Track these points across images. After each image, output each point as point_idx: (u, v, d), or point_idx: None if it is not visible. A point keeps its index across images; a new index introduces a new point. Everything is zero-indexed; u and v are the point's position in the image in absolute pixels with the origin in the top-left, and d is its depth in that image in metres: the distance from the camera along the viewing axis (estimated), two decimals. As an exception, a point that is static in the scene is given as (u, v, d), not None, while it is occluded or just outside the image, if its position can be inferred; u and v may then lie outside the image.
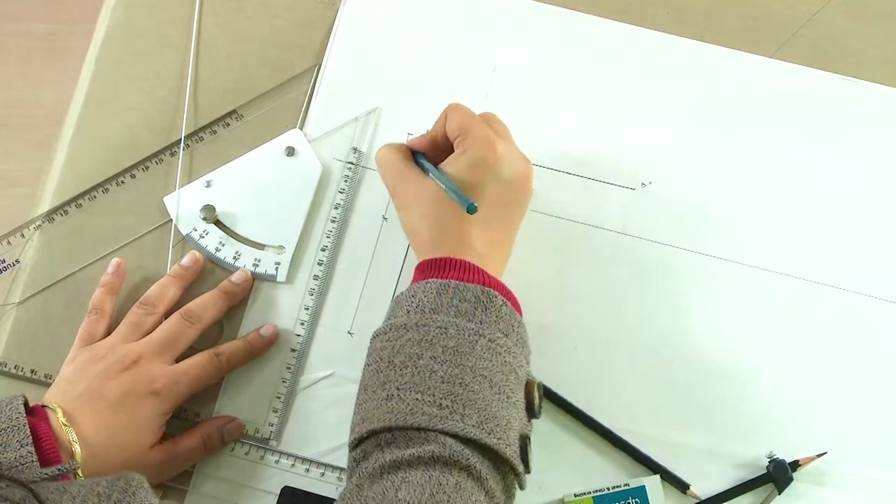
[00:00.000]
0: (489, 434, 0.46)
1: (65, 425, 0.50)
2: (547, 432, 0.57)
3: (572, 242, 0.60)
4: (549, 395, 0.57)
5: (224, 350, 0.57)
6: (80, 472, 0.50)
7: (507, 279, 0.59)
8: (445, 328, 0.48)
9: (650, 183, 0.61)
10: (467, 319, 0.49)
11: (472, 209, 0.49)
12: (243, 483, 0.58)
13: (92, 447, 0.51)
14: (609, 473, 0.57)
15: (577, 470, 0.57)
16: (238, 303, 0.60)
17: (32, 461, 0.47)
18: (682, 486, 0.56)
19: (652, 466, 0.56)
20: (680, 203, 0.61)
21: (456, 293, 0.50)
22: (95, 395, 0.53)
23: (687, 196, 0.61)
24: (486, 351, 0.48)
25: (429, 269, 0.52)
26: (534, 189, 0.57)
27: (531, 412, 0.50)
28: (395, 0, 0.64)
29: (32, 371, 0.60)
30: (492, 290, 0.51)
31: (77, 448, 0.50)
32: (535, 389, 0.51)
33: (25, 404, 0.50)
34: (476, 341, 0.48)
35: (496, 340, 0.49)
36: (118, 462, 0.52)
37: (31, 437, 0.48)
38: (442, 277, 0.51)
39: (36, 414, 0.51)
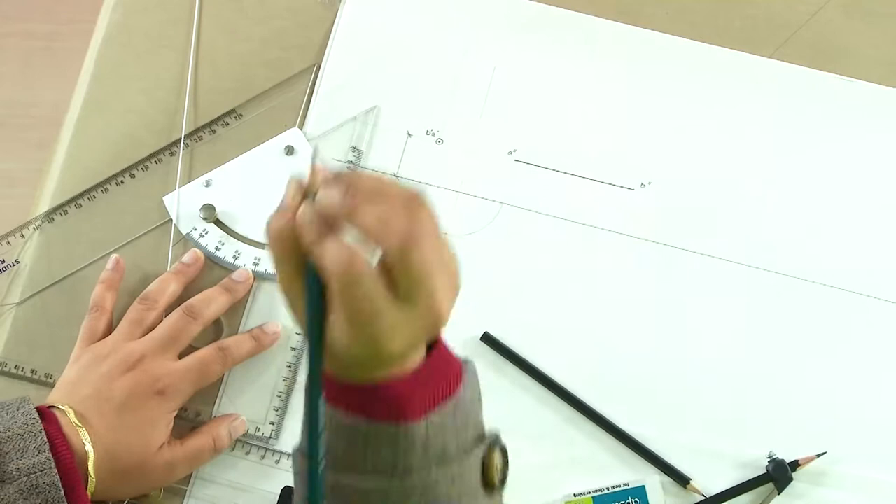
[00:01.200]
0: None
1: (77, 425, 0.50)
2: (547, 430, 0.57)
3: (572, 243, 0.60)
4: (550, 385, 0.58)
5: (229, 344, 0.57)
6: (91, 471, 0.50)
7: (507, 283, 0.59)
8: (367, 494, 0.39)
9: (650, 183, 0.61)
10: (388, 476, 0.39)
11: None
12: (244, 483, 0.58)
13: (101, 449, 0.50)
14: (609, 473, 0.57)
15: (577, 470, 0.57)
16: (239, 300, 0.60)
17: (50, 467, 0.47)
18: (683, 481, 0.56)
19: (653, 460, 0.56)
20: (680, 203, 0.61)
21: (368, 442, 0.39)
22: (101, 396, 0.52)
23: (687, 196, 0.61)
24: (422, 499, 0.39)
25: (342, 395, 0.39)
26: None
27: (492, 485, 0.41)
28: (395, 0, 0.64)
29: (32, 371, 0.60)
30: (408, 427, 0.38)
31: (89, 448, 0.50)
32: (495, 460, 0.41)
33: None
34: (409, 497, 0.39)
35: (429, 486, 0.39)
36: (127, 463, 0.51)
37: (48, 443, 0.48)
38: (353, 410, 0.39)
39: (45, 417, 0.50)
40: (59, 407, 0.51)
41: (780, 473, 0.56)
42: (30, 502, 0.47)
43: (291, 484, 0.57)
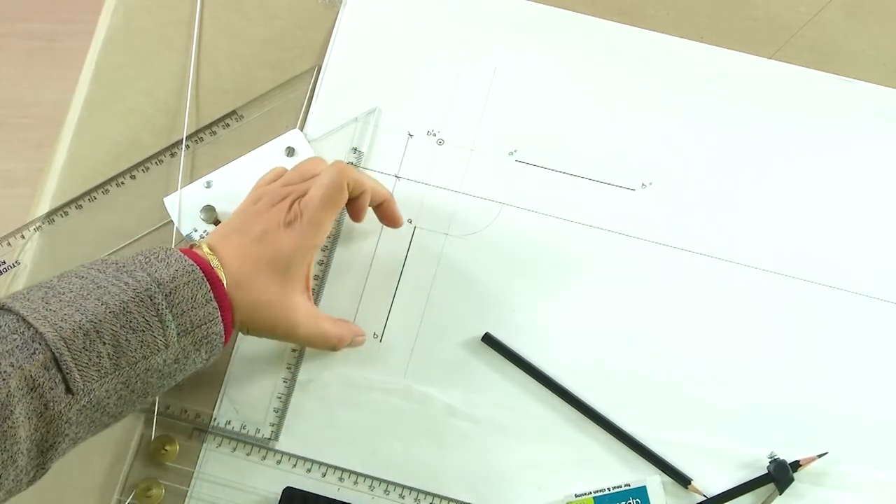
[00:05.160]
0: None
1: (208, 254, 0.50)
2: (548, 430, 0.57)
3: (572, 243, 0.60)
4: (551, 385, 0.58)
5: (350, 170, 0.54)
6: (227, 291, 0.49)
7: (508, 283, 0.59)
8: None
9: (650, 183, 0.61)
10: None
11: None
12: (244, 483, 0.58)
13: (236, 277, 0.50)
14: (610, 473, 0.57)
15: (578, 470, 0.57)
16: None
17: (217, 316, 0.47)
18: (684, 482, 0.56)
19: (654, 460, 0.56)
20: (680, 203, 0.61)
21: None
22: (242, 229, 0.52)
23: (687, 196, 0.61)
24: None
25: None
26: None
27: None
28: (395, 1, 0.64)
29: (33, 372, 0.60)
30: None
31: (222, 275, 0.49)
32: None
33: None
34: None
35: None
36: (262, 299, 0.51)
37: (211, 292, 0.47)
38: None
39: (191, 258, 0.50)
40: (196, 244, 0.51)
41: (781, 474, 0.56)
42: (200, 352, 0.48)
43: (292, 484, 0.57)
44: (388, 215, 0.59)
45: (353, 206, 0.57)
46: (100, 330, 0.43)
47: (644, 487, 0.56)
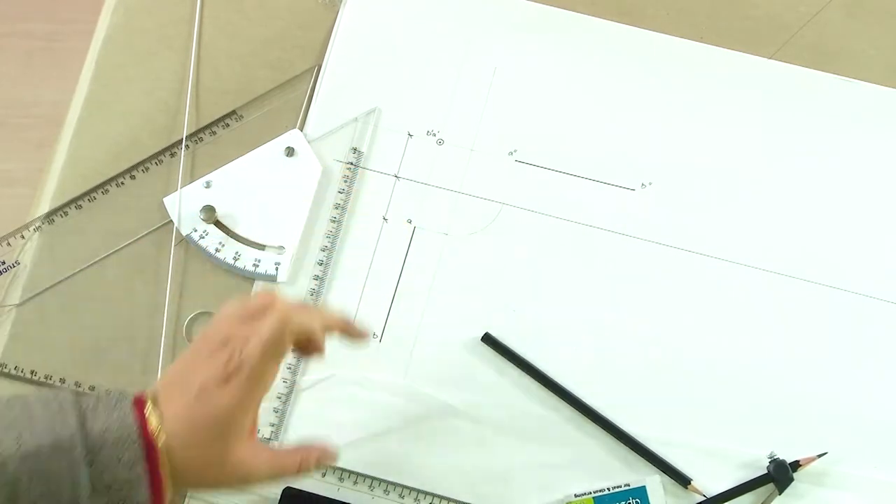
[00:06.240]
0: None
1: (150, 411, 0.45)
2: (548, 430, 0.57)
3: (572, 243, 0.60)
4: (551, 385, 0.58)
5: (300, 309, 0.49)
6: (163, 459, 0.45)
7: (508, 283, 0.59)
8: None
9: (650, 183, 0.61)
10: None
11: None
12: (244, 484, 0.58)
13: (174, 439, 0.45)
14: (610, 473, 0.57)
15: (578, 470, 0.57)
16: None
17: (142, 484, 0.43)
18: (684, 482, 0.56)
19: (654, 460, 0.56)
20: (680, 203, 0.61)
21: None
22: (184, 382, 0.47)
23: (687, 196, 0.61)
24: None
25: None
26: None
27: None
28: (395, 1, 0.64)
29: (32, 372, 0.60)
30: None
31: (159, 435, 0.44)
32: None
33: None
34: None
35: None
36: (202, 462, 0.46)
37: (143, 454, 0.43)
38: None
39: (137, 406, 0.45)
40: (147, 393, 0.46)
41: (780, 474, 0.56)
42: None
43: (292, 484, 0.57)
44: (351, 337, 0.53)
45: (304, 352, 0.51)
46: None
47: (644, 487, 0.56)
